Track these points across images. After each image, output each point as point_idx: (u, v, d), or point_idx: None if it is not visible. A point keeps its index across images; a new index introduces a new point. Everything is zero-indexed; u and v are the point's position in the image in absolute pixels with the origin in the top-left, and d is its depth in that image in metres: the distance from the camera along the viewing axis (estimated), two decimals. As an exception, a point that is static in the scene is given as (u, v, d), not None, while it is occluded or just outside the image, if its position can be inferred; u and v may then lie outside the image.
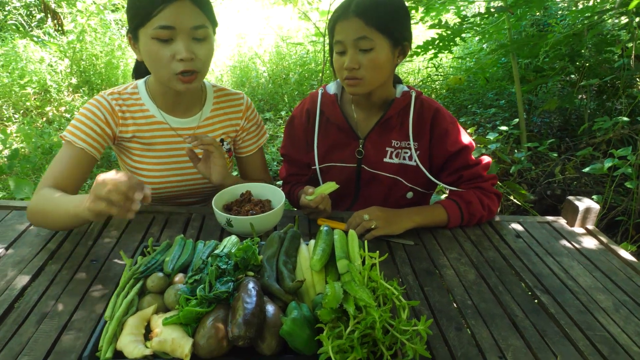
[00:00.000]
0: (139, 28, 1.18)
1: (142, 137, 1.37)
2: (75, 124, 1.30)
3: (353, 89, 1.34)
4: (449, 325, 0.94)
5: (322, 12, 5.72)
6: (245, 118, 1.52)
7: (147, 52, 1.20)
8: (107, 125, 1.32)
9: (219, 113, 1.48)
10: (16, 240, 1.20)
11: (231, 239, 1.04)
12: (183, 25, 1.15)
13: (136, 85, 1.39)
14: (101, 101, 1.33)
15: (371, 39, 1.25)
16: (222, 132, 1.48)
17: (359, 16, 1.25)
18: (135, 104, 1.37)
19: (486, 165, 1.42)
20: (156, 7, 1.13)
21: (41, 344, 0.84)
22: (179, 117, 1.41)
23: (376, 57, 1.27)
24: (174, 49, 1.17)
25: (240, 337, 0.72)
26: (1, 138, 3.62)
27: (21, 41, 5.58)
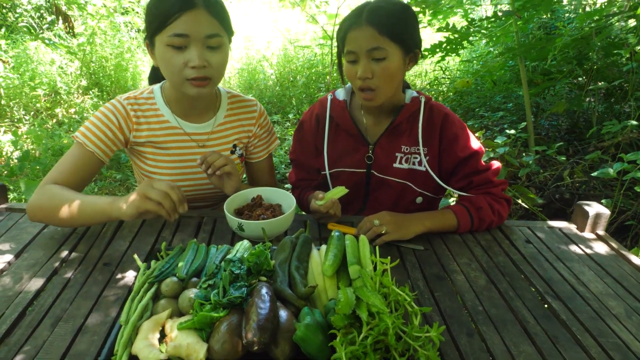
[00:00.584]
0: (155, 35, 1.21)
1: (156, 142, 1.39)
2: (88, 126, 1.31)
3: (368, 103, 1.35)
4: (460, 331, 0.94)
5: (330, 15, 5.74)
6: (258, 125, 1.53)
7: (161, 58, 1.23)
8: (121, 130, 1.34)
9: (233, 119, 1.49)
10: (30, 243, 1.21)
11: (243, 243, 1.05)
12: (197, 33, 1.18)
13: (152, 90, 1.41)
14: (117, 106, 1.35)
15: (384, 48, 1.25)
16: (235, 138, 1.50)
17: (372, 25, 1.25)
18: (150, 108, 1.38)
19: (496, 170, 1.42)
20: (171, 15, 1.16)
21: (56, 347, 0.86)
22: (193, 122, 1.42)
23: (389, 66, 1.28)
24: (187, 56, 1.19)
25: (254, 342, 0.72)
26: (12, 140, 3.66)
27: (32, 43, 5.63)
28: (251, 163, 1.61)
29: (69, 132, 4.47)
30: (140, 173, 1.46)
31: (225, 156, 1.31)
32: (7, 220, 1.32)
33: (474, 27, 3.34)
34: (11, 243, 1.20)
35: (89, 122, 1.32)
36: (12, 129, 4.46)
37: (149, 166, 1.42)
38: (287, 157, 3.87)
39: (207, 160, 1.29)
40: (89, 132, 1.30)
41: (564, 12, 5.63)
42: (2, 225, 1.29)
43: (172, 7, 1.15)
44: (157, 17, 1.18)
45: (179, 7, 1.15)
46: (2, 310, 0.95)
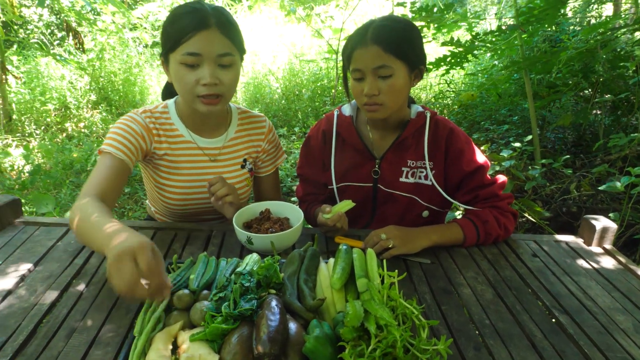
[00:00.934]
0: (169, 53, 1.26)
1: (171, 155, 1.42)
2: (112, 137, 1.32)
3: (373, 114, 1.37)
4: (468, 344, 0.95)
5: (335, 30, 5.81)
6: (266, 140, 1.57)
7: (175, 75, 1.27)
8: (143, 140, 1.36)
9: (243, 134, 1.53)
10: (44, 256, 1.24)
11: (252, 256, 1.07)
12: (209, 52, 1.22)
13: (166, 105, 1.45)
14: (136, 118, 1.38)
15: (390, 66, 1.28)
16: (245, 153, 1.53)
17: (377, 44, 1.28)
18: (165, 122, 1.42)
19: (502, 184, 1.43)
20: (185, 35, 1.20)
21: (71, 358, 0.87)
22: (206, 137, 1.46)
23: (395, 83, 1.31)
24: (199, 74, 1.24)
25: (265, 354, 0.74)
26: (24, 154, 3.72)
27: (43, 59, 5.74)
28: (258, 177, 1.65)
29: (79, 145, 4.53)
30: (154, 185, 1.48)
31: (228, 186, 1.35)
32: (21, 234, 1.35)
33: (479, 41, 3.38)
34: (26, 256, 1.23)
35: (111, 134, 1.33)
36: (24, 143, 4.53)
37: (163, 179, 1.44)
38: (294, 171, 3.90)
39: (210, 190, 1.34)
40: (114, 141, 1.31)
41: (569, 24, 5.67)
42: (17, 239, 1.32)
43: (186, 27, 1.20)
44: (172, 36, 1.23)
45: (192, 27, 1.20)
46: (19, 321, 0.97)
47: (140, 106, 5.74)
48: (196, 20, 1.21)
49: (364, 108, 1.37)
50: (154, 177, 1.46)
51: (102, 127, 5.25)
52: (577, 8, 6.76)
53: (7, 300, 1.04)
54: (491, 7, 10.68)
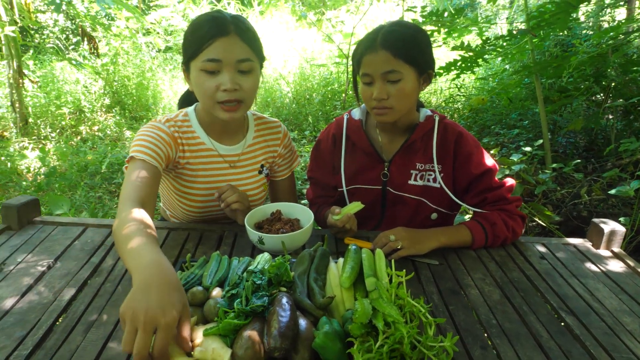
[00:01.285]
0: (190, 60, 1.29)
1: (193, 164, 1.45)
2: (141, 143, 1.30)
3: (382, 118, 1.40)
4: (474, 343, 0.97)
5: (345, 35, 5.85)
6: (282, 145, 1.61)
7: (195, 82, 1.30)
8: (170, 147, 1.36)
9: (260, 140, 1.56)
10: (62, 255, 1.28)
11: (264, 256, 1.09)
12: (229, 58, 1.25)
13: (186, 113, 1.47)
14: (160, 127, 1.37)
15: (399, 71, 1.31)
16: (262, 158, 1.57)
17: (386, 49, 1.30)
18: (187, 131, 1.44)
19: (510, 187, 1.45)
20: (205, 42, 1.24)
21: (89, 352, 0.90)
22: (225, 144, 1.49)
23: (404, 87, 1.33)
24: (219, 80, 1.26)
25: (276, 348, 0.76)
26: (40, 156, 3.79)
27: (58, 64, 5.85)
28: (274, 181, 1.68)
29: (93, 148, 4.61)
30: (174, 193, 1.50)
31: (238, 193, 1.38)
32: (40, 233, 1.39)
33: (489, 46, 3.38)
34: (45, 254, 1.27)
35: (139, 141, 1.31)
36: (39, 145, 4.62)
37: (184, 187, 1.46)
38: (304, 174, 3.92)
39: (221, 197, 1.37)
40: (145, 148, 1.29)
41: (582, 29, 5.64)
42: (36, 237, 1.36)
43: (206, 34, 1.24)
44: (193, 44, 1.26)
45: (212, 34, 1.23)
46: (38, 316, 1.00)
47: (153, 110, 5.84)
48: (215, 27, 1.24)
49: (373, 112, 1.40)
50: (175, 185, 1.48)
51: (115, 130, 5.33)
52: (590, 12, 6.73)
53: (27, 296, 1.08)
54: (502, 12, 10.66)
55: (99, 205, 3.33)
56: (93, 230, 1.43)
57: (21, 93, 4.81)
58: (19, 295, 1.08)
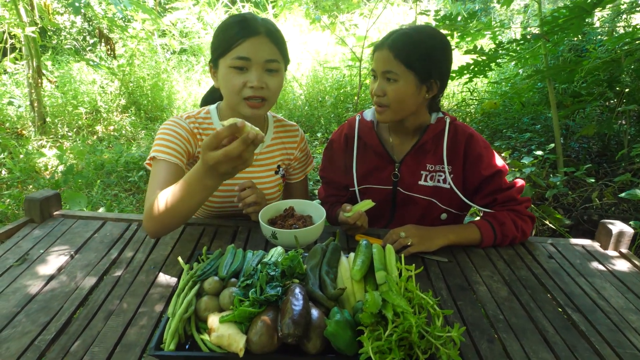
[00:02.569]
0: (220, 58, 1.35)
1: None
2: (161, 143, 1.36)
3: (379, 116, 1.46)
4: (481, 337, 0.99)
5: (359, 38, 5.88)
6: (299, 149, 1.66)
7: (223, 79, 1.36)
8: (189, 143, 1.41)
9: (278, 142, 1.61)
10: (82, 246, 1.33)
11: (277, 249, 1.13)
12: (258, 57, 1.31)
13: (208, 111, 1.52)
14: (180, 123, 1.43)
15: (396, 72, 1.37)
16: (279, 160, 1.61)
17: (390, 49, 1.37)
18: (208, 127, 1.48)
19: (520, 188, 1.47)
20: (236, 41, 1.30)
21: (109, 338, 0.95)
22: None
23: (399, 89, 1.38)
24: (247, 77, 1.33)
25: (289, 334, 0.80)
26: (57, 154, 3.87)
27: (76, 65, 5.96)
28: (288, 183, 1.73)
29: (109, 147, 4.69)
30: None
31: (257, 193, 1.40)
32: (61, 225, 1.44)
33: (502, 50, 3.39)
34: (66, 246, 1.32)
35: (159, 141, 1.37)
36: (57, 144, 4.71)
37: None
38: (316, 174, 3.96)
39: (240, 195, 1.39)
40: (165, 147, 1.35)
41: (595, 34, 5.61)
42: (58, 230, 1.41)
43: (237, 34, 1.30)
44: (223, 42, 1.33)
45: (243, 33, 1.30)
46: (61, 304, 1.05)
47: (167, 111, 5.92)
48: (247, 27, 1.31)
49: (375, 107, 1.47)
50: None
51: (130, 130, 5.41)
52: (605, 17, 6.68)
53: (50, 285, 1.13)
54: (517, 17, 10.61)
55: (115, 202, 3.39)
56: (112, 224, 1.47)
57: (40, 92, 4.91)
58: (42, 284, 1.13)
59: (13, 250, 1.29)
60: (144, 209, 1.26)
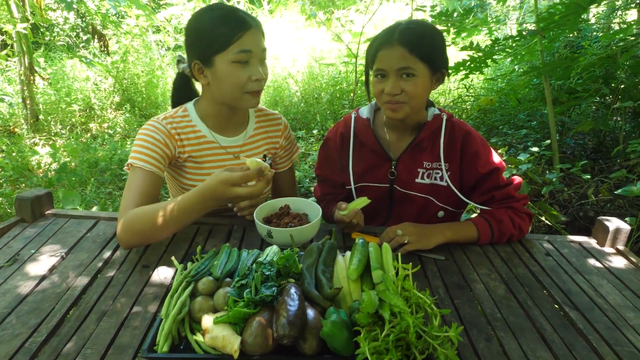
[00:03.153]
0: (216, 54, 1.31)
1: (196, 157, 1.48)
2: (138, 150, 1.37)
3: (393, 114, 1.40)
4: (479, 336, 0.98)
5: (355, 34, 5.85)
6: (283, 137, 1.64)
7: (225, 76, 1.33)
8: (167, 147, 1.41)
9: (261, 131, 1.60)
10: (75, 246, 1.31)
11: (273, 248, 1.12)
12: (257, 48, 1.33)
13: (185, 109, 1.50)
14: (157, 126, 1.42)
15: (414, 68, 1.33)
16: (264, 149, 1.59)
17: (403, 45, 1.32)
18: (187, 125, 1.47)
19: (517, 185, 1.46)
20: (236, 35, 1.29)
21: (102, 339, 0.93)
22: (227, 135, 1.52)
23: (417, 84, 1.34)
24: (250, 71, 1.33)
25: (284, 336, 0.79)
26: (51, 152, 3.84)
27: (69, 61, 5.91)
28: (277, 173, 1.72)
29: (103, 145, 4.66)
30: (179, 187, 1.54)
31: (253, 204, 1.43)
32: (53, 225, 1.42)
33: (498, 46, 3.38)
34: (58, 245, 1.30)
35: (137, 147, 1.38)
36: (50, 142, 4.67)
37: (189, 180, 1.49)
38: (312, 172, 3.94)
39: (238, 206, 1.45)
40: (141, 154, 1.36)
41: (591, 30, 5.61)
42: (49, 229, 1.39)
43: (235, 29, 1.29)
44: (218, 39, 1.30)
45: (240, 27, 1.29)
46: (52, 305, 1.03)
47: (162, 108, 5.89)
48: (239, 21, 1.30)
49: (385, 107, 1.41)
50: (180, 179, 1.51)
51: (125, 127, 5.38)
52: (600, 14, 6.69)
53: (41, 285, 1.11)
54: (513, 13, 10.61)
55: (109, 200, 3.37)
56: (105, 223, 1.46)
57: (32, 90, 4.87)
58: (33, 284, 1.11)
59: (3, 250, 1.27)
60: (119, 220, 1.26)
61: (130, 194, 1.31)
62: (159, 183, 1.37)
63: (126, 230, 1.23)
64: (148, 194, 1.33)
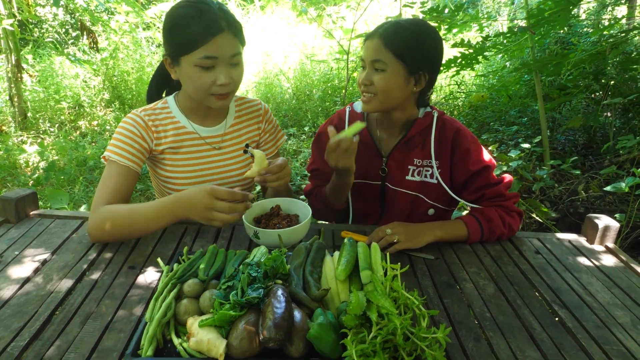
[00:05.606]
0: (181, 55, 1.29)
1: (174, 148, 1.46)
2: (115, 143, 1.38)
3: (364, 105, 1.44)
4: (468, 336, 0.98)
5: (346, 30, 5.83)
6: (265, 120, 1.63)
7: (188, 77, 1.32)
8: (144, 140, 1.41)
9: (242, 119, 1.59)
10: (60, 247, 1.28)
11: (260, 249, 1.10)
12: (224, 54, 1.28)
13: (166, 101, 1.50)
14: (135, 119, 1.42)
15: (384, 62, 1.34)
16: (246, 137, 1.59)
17: (380, 39, 1.35)
18: (167, 117, 1.47)
19: (508, 184, 1.45)
20: (201, 40, 1.25)
21: (86, 343, 0.91)
22: (206, 126, 1.51)
23: (387, 79, 1.35)
24: (214, 75, 1.30)
25: (271, 339, 0.77)
26: (39, 150, 3.79)
27: (57, 58, 5.84)
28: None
29: (92, 143, 4.61)
30: (160, 180, 1.52)
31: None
32: (38, 226, 1.40)
33: (489, 42, 3.38)
34: (42, 247, 1.28)
35: (114, 140, 1.39)
36: (38, 140, 4.62)
37: (167, 172, 1.48)
38: (303, 170, 3.93)
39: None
40: (118, 148, 1.37)
41: (581, 26, 5.64)
42: (34, 230, 1.37)
43: (202, 32, 1.24)
44: (186, 40, 1.26)
45: (207, 32, 1.25)
46: (35, 308, 1.01)
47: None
48: (209, 24, 1.25)
49: (361, 97, 1.44)
50: (159, 172, 1.50)
51: (114, 125, 5.33)
52: (590, 10, 6.72)
53: (24, 288, 1.09)
54: (504, 9, 10.63)
55: (97, 199, 3.33)
56: (91, 223, 1.43)
57: (20, 87, 4.80)
58: (17, 287, 1.09)
59: (-14, 252, 1.24)
60: (91, 213, 1.29)
61: (103, 190, 1.33)
62: (133, 178, 1.39)
63: (96, 227, 1.27)
64: (120, 191, 1.35)
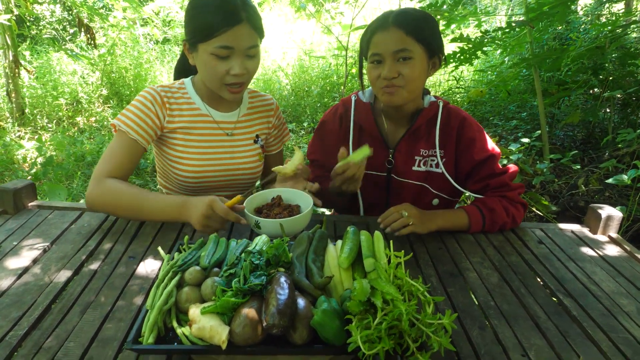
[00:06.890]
0: (199, 43, 1.30)
1: (186, 128, 1.46)
2: (127, 114, 1.38)
3: (390, 98, 1.37)
4: (473, 324, 0.97)
5: (344, 26, 5.81)
6: (276, 116, 1.64)
7: (204, 64, 1.33)
8: (157, 117, 1.42)
9: (254, 111, 1.60)
10: (58, 238, 1.27)
11: (262, 237, 1.09)
12: (240, 46, 1.29)
13: (183, 82, 1.51)
14: (152, 93, 1.42)
15: (410, 50, 1.31)
16: (257, 129, 1.59)
17: (399, 27, 1.31)
18: (182, 97, 1.47)
19: (513, 174, 1.44)
20: (219, 29, 1.25)
21: (85, 332, 0.90)
22: (221, 111, 1.52)
23: (414, 66, 1.33)
24: (229, 65, 1.30)
25: (274, 325, 0.76)
26: (37, 146, 3.77)
27: (55, 54, 5.81)
28: (267, 155, 1.71)
29: (90, 139, 4.59)
30: (167, 160, 1.50)
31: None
32: (36, 217, 1.38)
33: (488, 37, 3.37)
34: (41, 237, 1.26)
35: (127, 111, 1.39)
36: (36, 136, 4.59)
37: (177, 151, 1.47)
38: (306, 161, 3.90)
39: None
40: (129, 120, 1.37)
41: (580, 22, 5.63)
42: (32, 221, 1.35)
43: (221, 22, 1.25)
44: (204, 28, 1.27)
45: (226, 22, 1.25)
46: (34, 298, 1.00)
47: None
48: (229, 15, 1.26)
49: (382, 91, 1.38)
50: (168, 151, 1.48)
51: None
52: (589, 6, 6.71)
53: (23, 278, 1.08)
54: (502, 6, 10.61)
55: (96, 194, 3.31)
56: (89, 214, 1.42)
57: (17, 83, 4.77)
58: (15, 277, 1.07)
59: (-16, 243, 1.23)
60: (92, 180, 1.34)
61: (108, 160, 1.36)
62: (139, 153, 1.40)
63: (97, 197, 1.31)
64: (124, 165, 1.37)
